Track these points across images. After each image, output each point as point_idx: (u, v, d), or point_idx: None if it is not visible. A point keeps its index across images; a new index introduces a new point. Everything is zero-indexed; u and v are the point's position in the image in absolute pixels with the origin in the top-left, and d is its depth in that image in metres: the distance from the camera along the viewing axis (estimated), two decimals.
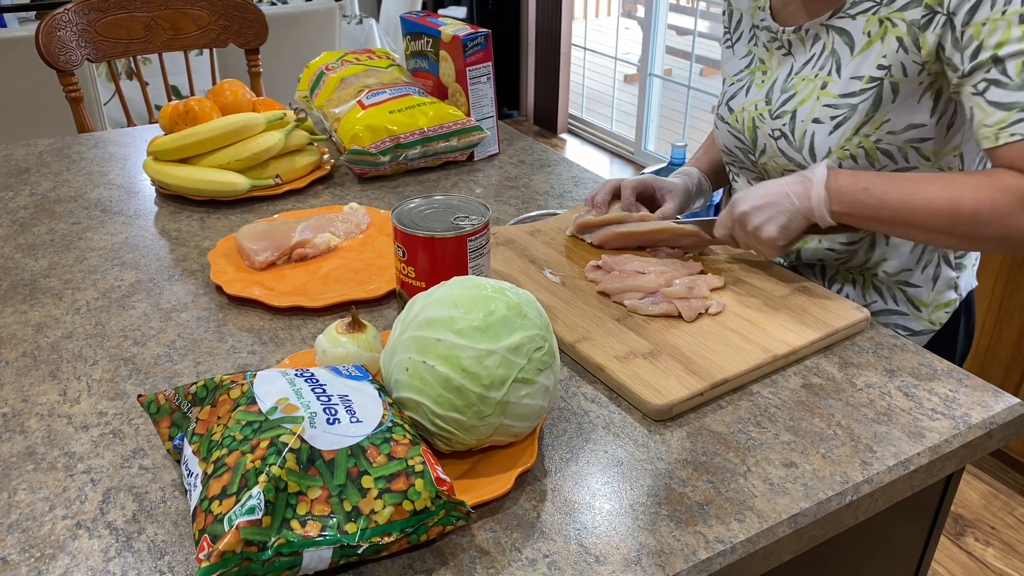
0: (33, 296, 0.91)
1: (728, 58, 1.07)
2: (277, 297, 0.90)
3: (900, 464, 0.67)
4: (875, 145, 0.88)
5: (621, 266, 0.90)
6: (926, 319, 1.00)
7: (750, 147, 1.00)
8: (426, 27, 1.31)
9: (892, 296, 1.00)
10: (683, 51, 4.52)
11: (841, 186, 0.84)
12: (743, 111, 1.00)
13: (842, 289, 1.02)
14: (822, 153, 0.90)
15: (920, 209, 0.81)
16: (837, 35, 0.90)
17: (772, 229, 0.86)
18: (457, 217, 0.82)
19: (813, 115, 0.90)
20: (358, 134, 1.20)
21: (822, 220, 0.85)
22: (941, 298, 1.00)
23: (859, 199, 0.83)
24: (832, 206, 0.84)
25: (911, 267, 0.98)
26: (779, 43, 0.97)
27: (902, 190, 0.82)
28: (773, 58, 0.99)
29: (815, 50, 0.93)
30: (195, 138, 1.14)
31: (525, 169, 1.30)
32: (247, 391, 0.60)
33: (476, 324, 0.61)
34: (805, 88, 0.92)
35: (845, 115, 0.88)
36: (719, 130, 1.06)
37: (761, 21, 1.00)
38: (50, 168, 1.29)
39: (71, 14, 1.81)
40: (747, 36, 1.04)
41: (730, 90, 1.04)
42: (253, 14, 1.99)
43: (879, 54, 0.86)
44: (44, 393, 0.75)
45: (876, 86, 0.86)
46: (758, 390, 0.76)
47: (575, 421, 0.72)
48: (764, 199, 0.87)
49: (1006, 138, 0.78)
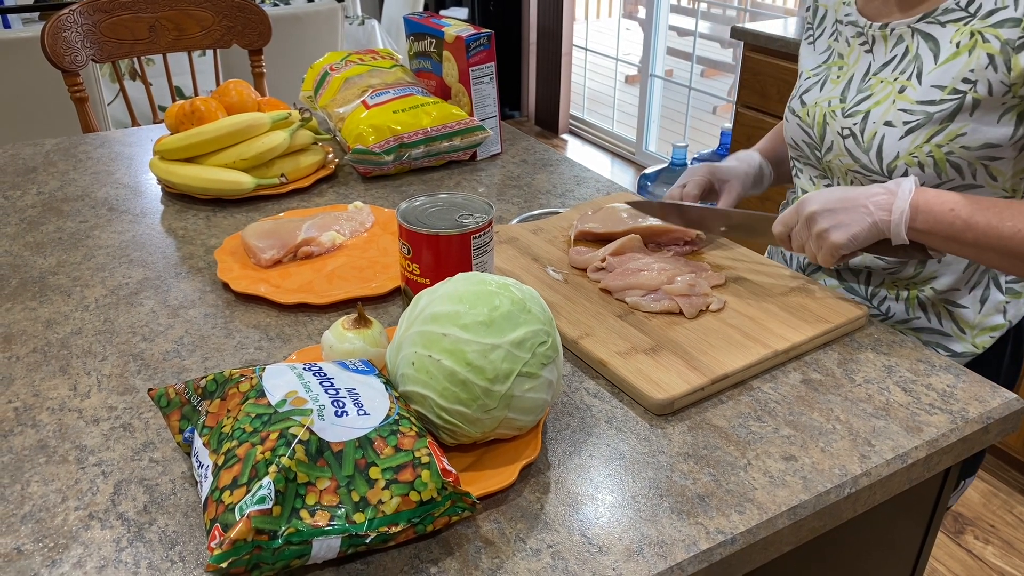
0: (42, 293, 0.92)
1: (808, 53, 1.05)
2: (283, 294, 0.91)
3: (898, 458, 0.68)
4: (945, 156, 0.86)
5: (623, 264, 0.91)
6: (969, 342, 0.97)
7: (817, 143, 0.99)
8: (429, 28, 1.32)
9: (936, 314, 0.97)
10: (684, 52, 4.53)
11: (929, 202, 0.81)
12: (815, 106, 0.98)
13: (884, 300, 0.99)
14: (890, 157, 0.88)
15: (1008, 236, 0.78)
16: (923, 40, 0.88)
17: (841, 236, 0.82)
18: (461, 215, 0.84)
19: (886, 118, 0.89)
20: (362, 134, 1.21)
21: (897, 236, 0.82)
22: (988, 322, 0.97)
23: (945, 219, 0.80)
24: (914, 223, 0.81)
25: (959, 287, 0.95)
26: (864, 37, 0.95)
27: (990, 215, 0.79)
28: (853, 52, 0.97)
29: (897, 51, 0.91)
30: (201, 137, 1.15)
31: (527, 168, 1.31)
32: (256, 385, 0.61)
33: (481, 319, 0.62)
34: (883, 90, 0.90)
35: (919, 122, 0.86)
36: (788, 123, 1.04)
37: (846, 16, 0.98)
38: (57, 167, 1.30)
39: (76, 15, 1.82)
40: (829, 31, 1.02)
41: (805, 84, 1.02)
42: (257, 15, 2.01)
43: (966, 67, 0.84)
44: (55, 388, 0.76)
45: (958, 99, 0.84)
46: (758, 385, 0.77)
47: (578, 415, 0.73)
48: (839, 203, 0.83)
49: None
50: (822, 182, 1.01)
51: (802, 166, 1.05)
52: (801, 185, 1.05)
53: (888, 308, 0.99)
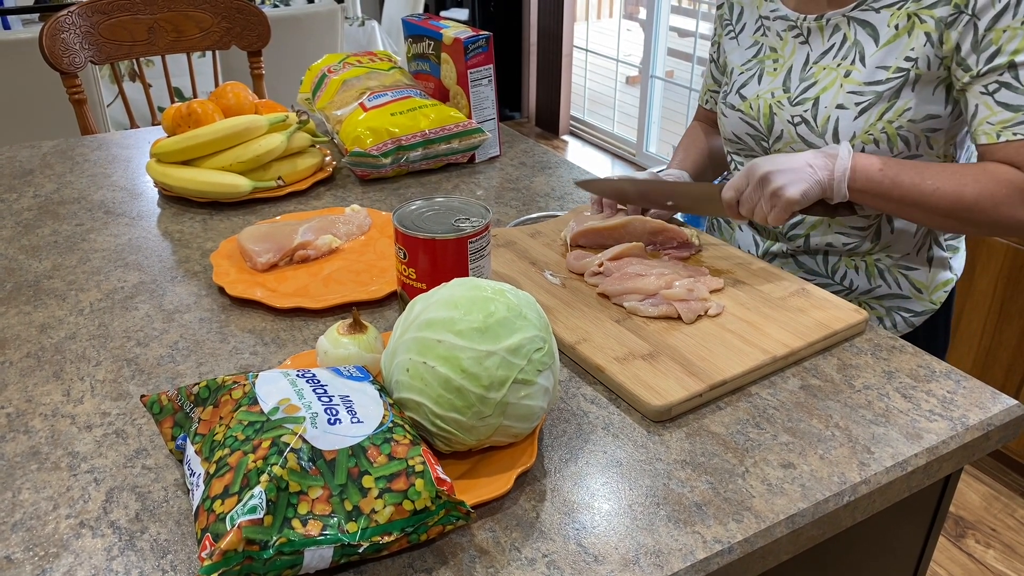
0: (37, 297, 0.92)
1: (732, 48, 1.09)
2: (279, 298, 0.90)
3: (897, 465, 0.67)
4: (896, 131, 0.93)
5: (621, 268, 0.91)
6: (927, 299, 1.05)
7: (764, 134, 1.03)
8: (428, 30, 1.31)
9: (895, 280, 1.04)
10: (685, 53, 4.53)
11: (862, 164, 0.89)
12: (757, 99, 1.03)
13: (846, 275, 1.05)
14: (846, 137, 0.95)
15: (928, 193, 0.88)
16: (860, 27, 0.95)
17: (795, 192, 0.88)
18: (458, 219, 0.83)
19: (837, 101, 0.95)
20: (360, 136, 1.20)
21: (839, 194, 0.90)
22: (938, 278, 1.05)
23: (875, 178, 0.89)
24: (852, 182, 0.89)
25: (909, 251, 1.03)
26: (797, 30, 1.00)
27: (913, 174, 0.89)
28: (787, 45, 1.01)
29: (835, 40, 0.97)
30: (198, 140, 1.14)
31: (526, 171, 1.31)
32: (249, 392, 0.60)
33: (476, 325, 0.62)
34: (827, 76, 0.96)
35: (870, 101, 0.93)
36: (727, 118, 1.08)
37: (772, 11, 1.03)
38: (54, 170, 1.30)
39: (75, 16, 1.82)
40: (752, 27, 1.07)
41: (739, 79, 1.06)
42: (256, 16, 2.00)
43: (907, 47, 0.91)
44: (48, 393, 0.75)
45: (902, 76, 0.92)
46: (757, 391, 0.76)
47: (575, 422, 0.72)
48: (787, 164, 0.90)
49: (1008, 136, 0.86)
50: None
51: (744, 159, 1.09)
52: None
53: (851, 282, 1.05)
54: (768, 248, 1.10)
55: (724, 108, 1.08)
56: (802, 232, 1.04)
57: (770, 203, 0.90)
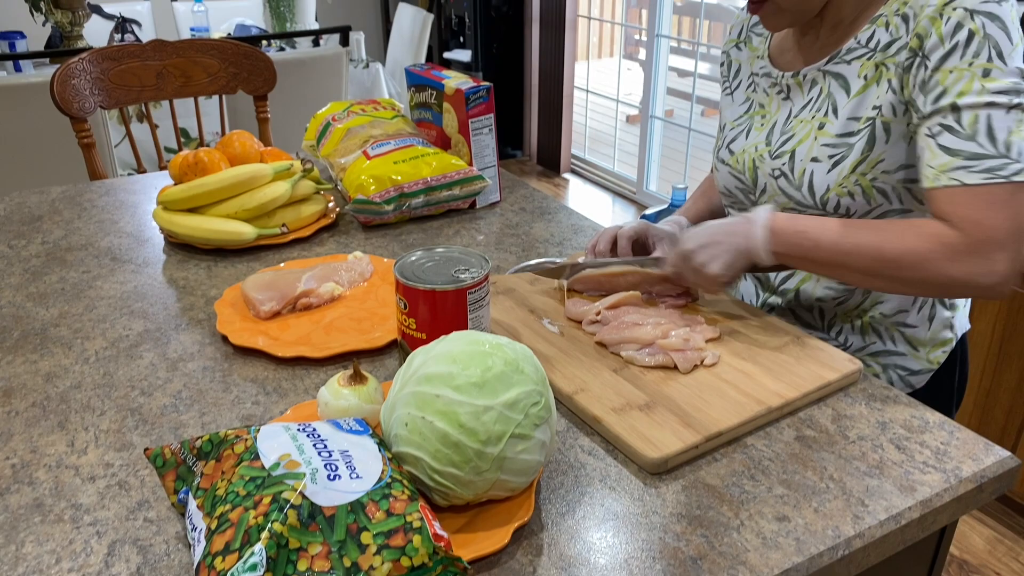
0: (43, 345, 0.93)
1: (727, 104, 1.12)
2: (281, 347, 0.92)
3: (892, 519, 0.68)
4: (871, 184, 0.92)
5: (618, 317, 0.92)
6: (924, 358, 1.03)
7: (750, 187, 1.04)
8: (430, 80, 1.35)
9: (891, 337, 1.02)
10: (684, 92, 4.59)
11: (780, 227, 0.89)
12: (743, 153, 1.04)
13: (841, 331, 1.04)
14: (821, 191, 0.94)
15: (848, 251, 0.86)
16: (833, 79, 0.95)
17: (716, 266, 0.90)
18: (458, 269, 0.85)
19: (812, 154, 0.95)
20: (363, 184, 1.23)
21: (762, 260, 0.90)
22: (938, 337, 1.02)
23: (795, 241, 0.89)
24: (772, 247, 0.89)
25: (907, 308, 1.01)
26: (779, 87, 1.02)
27: (833, 234, 0.87)
28: (772, 102, 1.03)
29: (812, 94, 0.97)
30: (204, 188, 1.17)
31: (526, 217, 1.33)
32: (251, 446, 0.61)
33: (474, 380, 0.63)
34: (803, 129, 0.96)
35: (843, 154, 0.92)
36: (719, 172, 1.10)
37: (760, 68, 1.05)
38: (62, 216, 1.32)
39: (85, 63, 1.86)
40: (746, 83, 1.09)
41: (730, 134, 1.08)
42: (262, 62, 2.05)
43: (874, 95, 0.90)
44: (52, 444, 0.77)
45: (870, 125, 0.91)
46: (752, 442, 0.77)
47: (572, 474, 0.73)
48: (709, 237, 0.92)
49: (945, 180, 0.83)
50: None
51: (737, 212, 1.10)
52: None
53: (846, 339, 1.04)
54: (766, 300, 1.10)
55: (716, 162, 1.10)
56: (792, 286, 1.04)
57: (699, 278, 0.93)
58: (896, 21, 0.89)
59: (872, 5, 0.92)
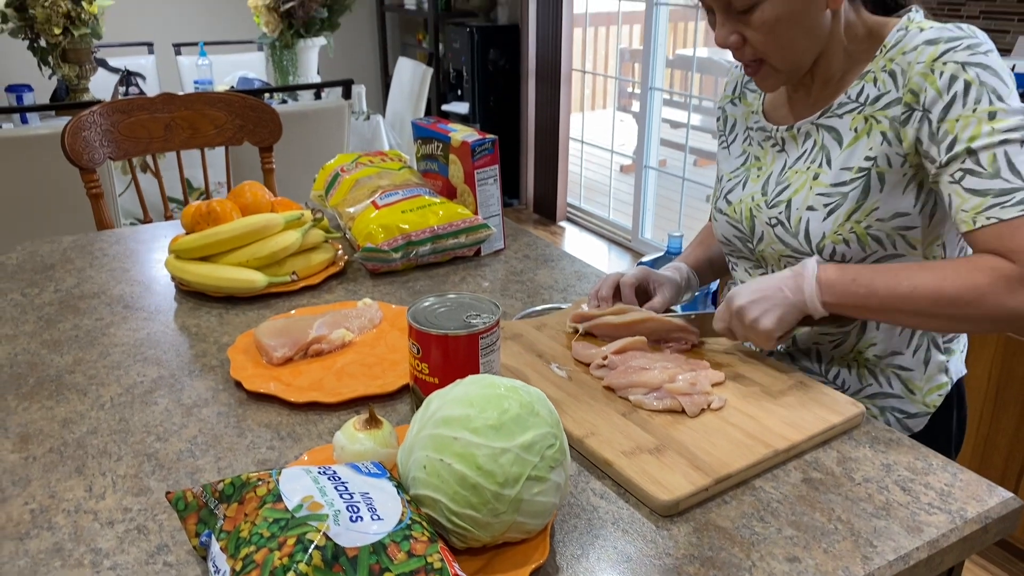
0: (59, 392, 0.95)
1: (724, 157, 1.16)
2: (294, 392, 0.93)
3: (900, 559, 0.69)
4: (866, 231, 0.95)
5: (625, 362, 0.94)
6: (920, 402, 1.04)
7: (748, 236, 1.07)
8: (437, 133, 1.39)
9: (887, 379, 1.04)
10: (677, 143, 4.69)
11: (831, 278, 0.91)
12: (741, 203, 1.07)
13: (839, 374, 1.06)
14: (817, 238, 0.97)
15: (906, 295, 0.87)
16: (826, 132, 0.99)
17: (769, 321, 0.91)
18: (469, 315, 0.87)
19: (807, 203, 0.98)
20: (372, 232, 1.26)
21: (815, 311, 0.92)
22: (933, 380, 1.04)
23: (849, 289, 0.89)
24: (823, 297, 0.91)
25: (902, 351, 1.03)
26: (773, 140, 1.06)
27: (888, 278, 0.88)
28: (768, 154, 1.07)
29: (807, 146, 1.01)
30: (217, 237, 1.19)
31: (530, 264, 1.36)
32: (273, 489, 0.63)
33: (491, 423, 0.65)
34: (798, 179, 1.00)
35: (837, 202, 0.95)
36: (717, 222, 1.13)
37: (755, 123, 1.10)
38: (74, 264, 1.34)
39: (96, 116, 1.91)
40: (741, 137, 1.13)
41: (727, 185, 1.12)
42: (268, 114, 2.10)
43: (866, 147, 0.94)
44: (71, 489, 0.77)
45: (864, 176, 0.94)
46: (760, 485, 0.79)
47: (585, 517, 0.74)
48: (760, 293, 0.93)
49: (983, 221, 0.85)
50: (757, 271, 1.09)
51: (736, 260, 1.13)
52: (739, 276, 1.14)
53: (843, 381, 1.06)
54: None
55: (715, 212, 1.13)
56: (811, 323, 1.05)
57: (753, 333, 0.93)
58: (884, 77, 0.93)
59: (859, 62, 0.97)
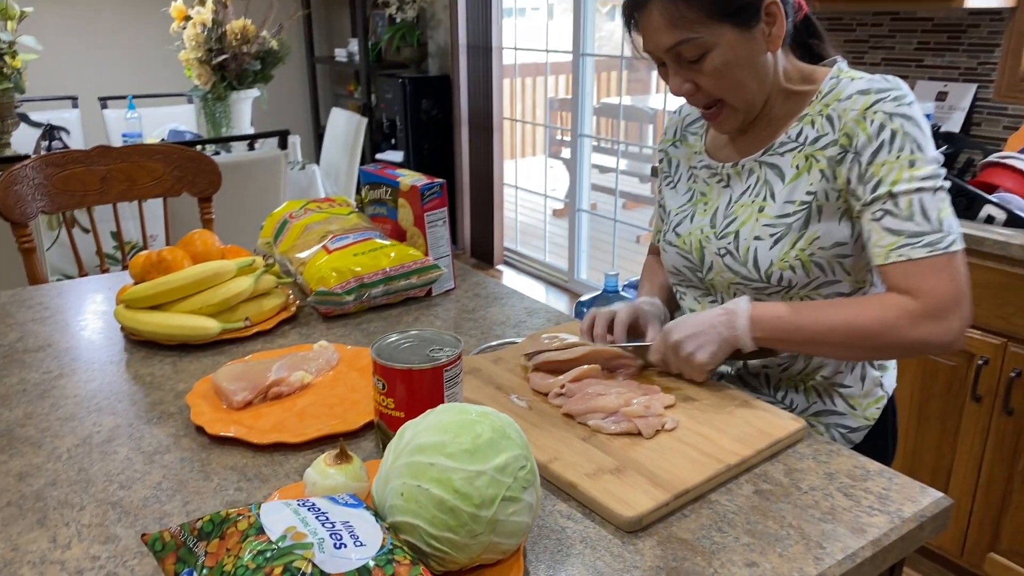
0: (11, 446, 0.93)
1: (671, 195, 1.23)
2: (258, 435, 0.94)
3: (848, 558, 0.75)
4: (809, 258, 1.04)
5: (582, 389, 0.98)
6: (861, 416, 1.14)
7: (698, 265, 1.15)
8: (385, 178, 1.43)
9: (830, 397, 1.13)
10: (607, 187, 4.84)
11: (761, 315, 1.00)
12: (690, 235, 1.15)
13: (787, 395, 1.14)
14: (765, 265, 1.05)
15: (826, 330, 0.98)
16: (769, 169, 1.08)
17: (704, 356, 1.00)
18: (432, 349, 0.90)
19: (755, 234, 1.06)
20: (324, 276, 1.28)
21: (745, 346, 1.00)
22: (872, 396, 1.14)
23: (776, 325, 0.99)
24: (754, 333, 1.00)
25: (843, 370, 1.12)
26: (719, 177, 1.15)
27: (810, 315, 0.99)
28: (713, 190, 1.15)
29: (750, 182, 1.10)
30: (169, 286, 1.19)
31: (480, 302, 1.39)
32: (255, 522, 0.64)
33: (466, 447, 0.68)
34: (744, 212, 1.08)
35: (782, 232, 1.04)
36: (667, 253, 1.20)
37: (700, 162, 1.19)
38: (15, 318, 1.31)
39: (29, 169, 1.87)
40: (686, 176, 1.21)
41: (676, 219, 1.19)
42: (207, 165, 2.09)
43: (807, 183, 1.03)
44: (34, 541, 0.76)
45: (806, 208, 1.03)
46: (716, 498, 0.83)
47: (554, 537, 0.77)
48: (695, 328, 1.01)
49: (895, 257, 0.96)
50: (706, 299, 1.17)
51: (685, 289, 1.21)
52: (687, 306, 1.21)
53: (791, 401, 1.14)
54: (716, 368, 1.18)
55: (664, 244, 1.21)
56: (739, 356, 1.13)
57: (687, 365, 1.02)
58: (821, 120, 1.03)
59: (797, 106, 1.07)
